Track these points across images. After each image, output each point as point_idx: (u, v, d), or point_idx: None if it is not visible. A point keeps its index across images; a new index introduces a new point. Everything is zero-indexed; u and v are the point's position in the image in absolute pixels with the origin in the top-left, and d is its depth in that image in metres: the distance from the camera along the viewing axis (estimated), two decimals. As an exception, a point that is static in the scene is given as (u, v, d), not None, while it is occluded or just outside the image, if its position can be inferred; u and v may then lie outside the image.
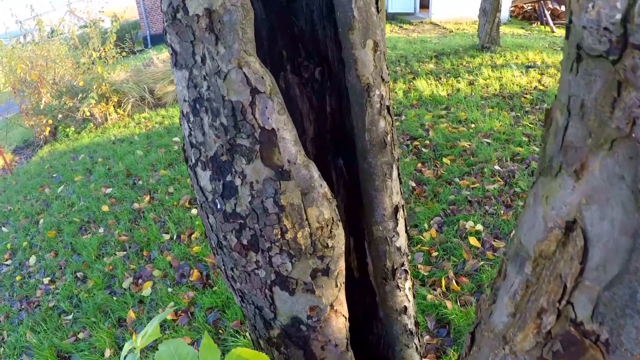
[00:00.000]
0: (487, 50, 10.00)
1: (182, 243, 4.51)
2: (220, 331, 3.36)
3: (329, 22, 1.04)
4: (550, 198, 0.57)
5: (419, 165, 5.03)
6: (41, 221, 5.46)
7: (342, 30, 0.93)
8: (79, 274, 4.40)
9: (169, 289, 3.92)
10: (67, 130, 8.96)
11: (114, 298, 3.97)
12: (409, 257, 1.02)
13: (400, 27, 15.00)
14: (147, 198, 5.34)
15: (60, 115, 9.01)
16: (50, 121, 9.01)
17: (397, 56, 10.05)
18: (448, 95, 7.21)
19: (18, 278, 4.51)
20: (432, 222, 4.07)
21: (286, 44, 1.06)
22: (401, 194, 0.96)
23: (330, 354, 0.80)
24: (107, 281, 4.24)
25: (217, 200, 0.74)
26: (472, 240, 3.76)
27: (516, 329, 0.60)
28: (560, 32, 14.73)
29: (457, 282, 3.34)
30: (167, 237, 4.64)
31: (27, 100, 9.50)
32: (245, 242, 0.73)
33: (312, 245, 0.72)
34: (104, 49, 9.58)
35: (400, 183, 0.97)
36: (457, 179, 4.67)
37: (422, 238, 3.87)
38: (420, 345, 1.11)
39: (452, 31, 13.87)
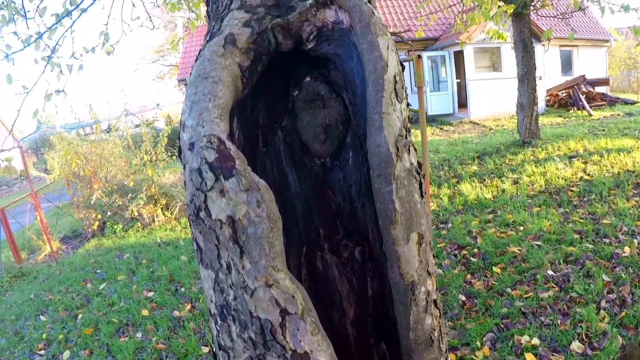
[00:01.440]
0: (529, 145, 9.95)
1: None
2: None
3: (368, 200, 0.98)
4: None
5: (468, 276, 4.82)
6: (80, 316, 5.44)
7: (382, 224, 0.87)
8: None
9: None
10: (115, 227, 9.19)
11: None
12: None
13: (441, 128, 15.22)
14: (188, 306, 5.27)
15: (109, 212, 9.28)
16: (99, 216, 9.29)
17: (440, 160, 10.07)
18: (493, 197, 7.07)
19: (51, 370, 4.43)
20: (484, 338, 3.81)
21: (323, 221, 1.01)
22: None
23: None
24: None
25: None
26: (529, 357, 3.48)
27: None
28: (598, 114, 14.62)
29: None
30: (205, 350, 4.50)
31: (79, 192, 9.87)
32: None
33: None
34: (155, 151, 10.00)
35: None
36: (509, 289, 4.43)
37: (475, 357, 3.60)
38: None
39: (491, 128, 13.96)
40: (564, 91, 17.46)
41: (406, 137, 0.93)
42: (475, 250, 5.34)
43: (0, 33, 4.70)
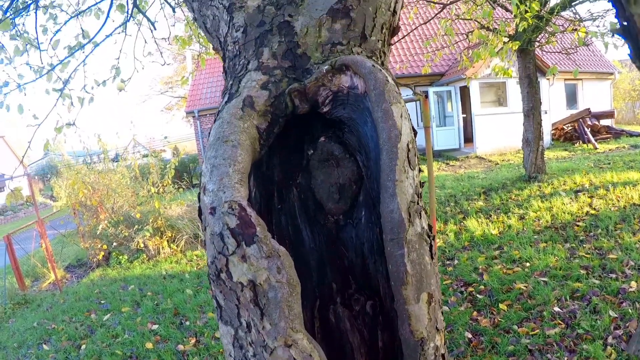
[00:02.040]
0: (535, 180, 9.97)
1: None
2: None
3: (380, 258, 1.03)
4: None
5: (474, 313, 4.80)
6: (83, 347, 5.42)
7: (394, 285, 0.90)
8: None
9: None
10: (120, 257, 9.21)
11: None
12: None
13: (447, 163, 15.28)
14: (193, 340, 5.25)
15: (115, 242, 9.31)
16: (105, 246, 9.32)
17: (446, 195, 10.10)
18: (500, 233, 7.07)
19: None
20: (490, 378, 3.78)
21: (336, 276, 1.05)
22: None
23: None
24: None
25: None
26: (536, 398, 3.45)
27: None
28: (603, 147, 14.65)
29: None
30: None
31: (85, 222, 9.92)
32: None
33: None
34: (162, 183, 10.07)
35: None
36: (515, 326, 4.40)
37: (482, 397, 3.57)
38: None
39: (497, 163, 14.00)
40: (569, 125, 17.56)
41: (418, 203, 0.97)
42: (482, 287, 5.32)
43: (13, 63, 4.83)
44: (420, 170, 1.04)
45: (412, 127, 1.07)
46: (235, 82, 1.08)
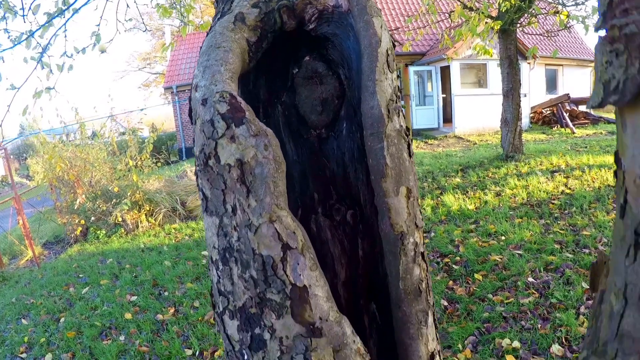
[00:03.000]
0: (512, 159, 10.11)
1: (204, 360, 4.35)
2: None
3: (360, 166, 1.06)
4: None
5: (450, 282, 4.89)
6: (62, 320, 5.39)
7: (374, 178, 0.94)
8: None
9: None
10: (98, 232, 9.12)
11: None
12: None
13: (426, 142, 15.38)
14: (172, 310, 5.26)
15: (93, 217, 9.21)
16: (82, 221, 9.21)
17: (424, 172, 10.19)
18: (476, 208, 7.18)
19: (32, 372, 4.38)
20: (466, 342, 3.87)
21: (318, 187, 1.08)
22: (437, 339, 0.91)
23: None
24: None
25: (244, 351, 0.71)
26: (510, 359, 3.54)
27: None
28: (581, 132, 14.92)
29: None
30: (189, 352, 4.50)
31: (63, 197, 9.78)
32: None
33: None
34: (140, 157, 9.96)
35: (436, 328, 0.92)
36: (490, 295, 4.50)
37: (457, 359, 3.66)
38: None
39: (475, 143, 14.15)
40: (548, 109, 17.79)
41: (396, 102, 1.01)
42: (458, 258, 5.42)
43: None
44: (398, 76, 1.08)
45: (391, 37, 1.11)
46: (227, 4, 1.11)
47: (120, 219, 8.99)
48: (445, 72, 17.22)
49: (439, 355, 0.93)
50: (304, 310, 0.69)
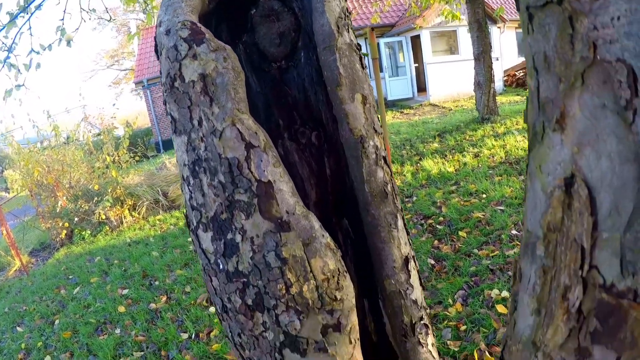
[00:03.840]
0: (488, 121, 10.22)
1: (200, 342, 4.38)
2: None
3: (319, 87, 1.09)
4: (543, 165, 0.55)
5: (436, 242, 4.97)
6: (57, 322, 5.38)
7: (330, 88, 0.98)
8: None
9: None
10: (83, 233, 9.05)
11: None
12: (428, 312, 0.98)
13: (401, 112, 15.43)
14: (164, 298, 5.27)
15: (76, 219, 9.13)
16: (66, 224, 9.13)
17: (402, 140, 10.25)
18: (456, 170, 7.26)
19: (33, 378, 4.38)
20: (456, 296, 3.95)
21: (282, 114, 1.12)
22: (410, 245, 0.94)
23: None
24: (125, 384, 4.10)
25: (219, 261, 0.73)
26: (500, 308, 3.62)
27: (544, 326, 0.53)
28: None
29: (490, 353, 3.17)
30: (185, 336, 4.53)
31: (44, 203, 9.67)
32: (250, 302, 0.70)
33: (319, 298, 0.69)
34: (117, 153, 9.87)
35: (408, 234, 0.95)
36: (475, 250, 4.58)
37: (448, 313, 3.73)
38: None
39: (451, 109, 14.24)
40: (520, 71, 17.95)
41: (345, 20, 1.06)
42: (441, 218, 5.49)
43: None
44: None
45: None
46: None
47: (103, 217, 8.92)
48: (416, 42, 17.23)
49: (414, 261, 0.96)
50: (270, 206, 0.71)
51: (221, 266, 0.72)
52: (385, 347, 0.95)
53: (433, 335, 0.97)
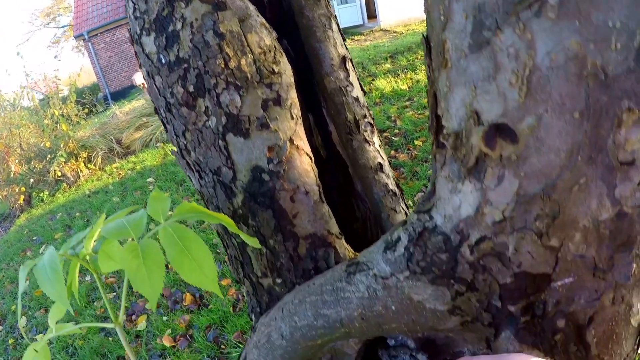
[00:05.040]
0: (440, 41, 10.22)
1: (170, 272, 4.45)
2: (222, 346, 3.31)
3: None
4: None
5: (392, 152, 5.06)
6: (27, 282, 5.34)
7: None
8: (71, 324, 4.30)
9: (164, 318, 3.86)
10: (42, 195, 8.83)
11: (110, 339, 3.89)
12: (371, 114, 1.02)
13: (352, 39, 15.24)
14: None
15: (32, 180, 8.90)
16: (23, 189, 8.88)
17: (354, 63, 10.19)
18: (409, 87, 7.30)
19: (11, 341, 4.38)
20: (415, 198, 4.08)
21: None
22: (345, 47, 0.97)
23: (302, 205, 0.77)
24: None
25: (161, 56, 0.74)
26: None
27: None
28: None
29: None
30: (155, 268, 4.58)
31: (-4, 172, 9.36)
32: (191, 88, 0.72)
33: (257, 72, 0.71)
34: (65, 107, 9.54)
35: (344, 40, 0.97)
36: (431, 156, 4.70)
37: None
38: (408, 212, 1.10)
39: (402, 33, 14.14)
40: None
41: None
42: (396, 131, 5.58)
43: None
44: None
45: None
46: None
47: (59, 174, 8.71)
48: (363, -32, 16.85)
49: (351, 63, 0.99)
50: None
51: (163, 60, 0.73)
52: (334, 161, 1.01)
53: (379, 138, 1.03)
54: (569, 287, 0.49)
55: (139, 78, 14.45)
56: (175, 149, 0.83)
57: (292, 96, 0.75)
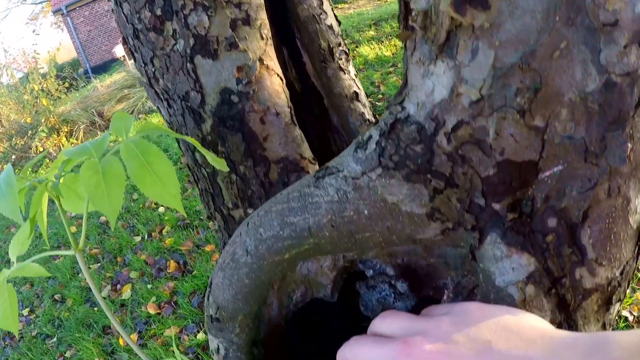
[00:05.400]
0: (425, 8, 10.13)
1: (154, 240, 4.46)
2: (208, 312, 3.34)
3: None
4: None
5: (377, 117, 5.05)
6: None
7: None
8: (56, 297, 4.33)
9: (149, 286, 3.88)
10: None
11: (95, 309, 3.91)
12: (346, 44, 1.00)
13: (336, 7, 15.04)
14: (117, 209, 5.26)
15: (13, 157, 8.79)
16: (4, 167, 8.77)
17: (337, 31, 10.07)
18: (392, 54, 7.24)
19: (-5, 319, 4.38)
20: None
21: None
22: None
23: (273, 127, 0.75)
24: (85, 295, 4.18)
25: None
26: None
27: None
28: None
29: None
30: (138, 239, 4.59)
31: (-24, 150, 9.26)
32: (159, 11, 0.69)
33: None
34: (46, 82, 9.41)
35: None
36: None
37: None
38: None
39: (386, 1, 13.98)
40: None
41: None
42: (380, 96, 5.58)
43: None
44: None
45: None
46: None
47: (41, 149, 8.60)
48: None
49: None
50: None
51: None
52: (309, 94, 0.99)
53: (354, 68, 1.01)
54: (559, 177, 0.46)
55: (119, 50, 14.21)
56: (144, 79, 0.80)
57: (262, 17, 0.73)
